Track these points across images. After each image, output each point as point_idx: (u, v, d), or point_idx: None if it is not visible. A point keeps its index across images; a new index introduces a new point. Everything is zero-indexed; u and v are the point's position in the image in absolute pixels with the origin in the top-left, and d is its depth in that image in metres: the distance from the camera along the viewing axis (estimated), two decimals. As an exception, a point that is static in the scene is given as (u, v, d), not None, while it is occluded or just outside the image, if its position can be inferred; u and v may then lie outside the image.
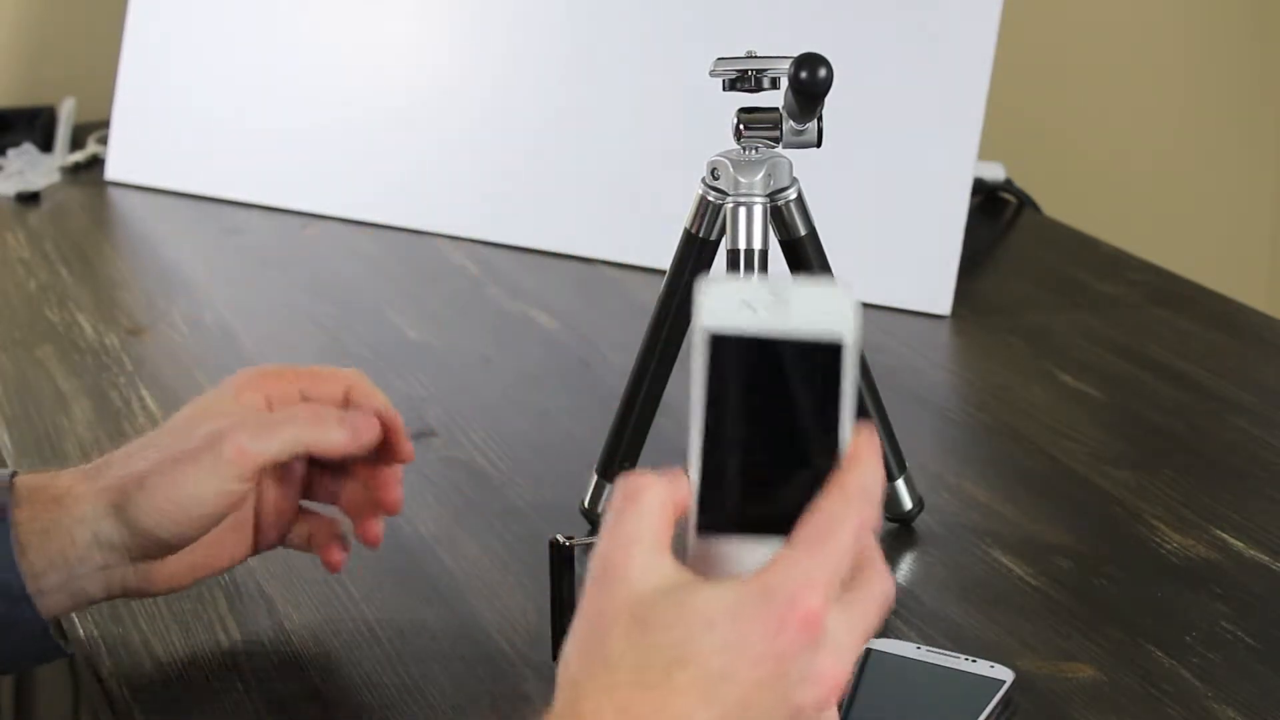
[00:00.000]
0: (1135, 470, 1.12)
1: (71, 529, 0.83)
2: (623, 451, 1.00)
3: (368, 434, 0.86)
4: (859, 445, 0.65)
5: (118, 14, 1.69)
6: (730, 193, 0.92)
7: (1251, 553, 1.01)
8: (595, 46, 1.53)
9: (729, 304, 0.64)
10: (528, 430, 1.16)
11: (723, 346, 0.64)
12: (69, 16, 1.87)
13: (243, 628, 0.92)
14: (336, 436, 0.85)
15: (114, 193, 1.66)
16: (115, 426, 1.17)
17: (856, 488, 0.64)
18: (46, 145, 1.73)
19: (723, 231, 0.93)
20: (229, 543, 0.89)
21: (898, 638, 0.89)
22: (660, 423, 1.02)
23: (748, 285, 0.64)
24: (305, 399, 0.88)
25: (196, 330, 1.35)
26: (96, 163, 1.71)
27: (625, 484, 0.66)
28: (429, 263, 1.51)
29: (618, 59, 1.52)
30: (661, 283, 0.97)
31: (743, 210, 0.92)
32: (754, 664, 0.62)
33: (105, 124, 1.70)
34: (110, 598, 0.87)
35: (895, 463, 0.99)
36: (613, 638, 0.62)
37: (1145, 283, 1.46)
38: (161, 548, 0.85)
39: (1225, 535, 1.03)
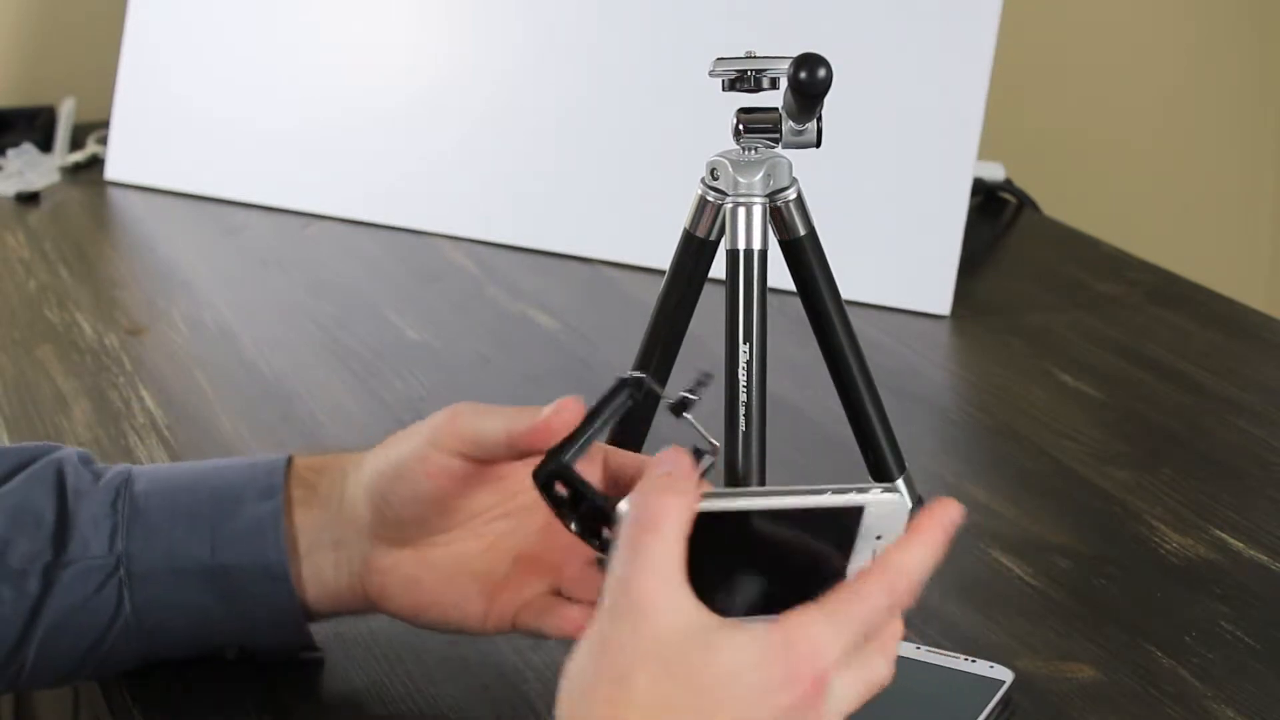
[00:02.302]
0: (1135, 470, 1.12)
1: (319, 500, 0.84)
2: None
3: (558, 422, 0.79)
4: (922, 524, 0.68)
5: (118, 14, 1.69)
6: (730, 193, 0.92)
7: (1251, 553, 1.01)
8: (595, 47, 1.53)
9: (884, 518, 0.70)
10: (527, 430, 1.16)
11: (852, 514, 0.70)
12: (69, 16, 1.87)
13: (242, 628, 0.92)
14: (530, 421, 0.79)
15: (114, 193, 1.66)
16: (115, 427, 1.17)
17: (896, 567, 0.67)
18: (46, 145, 1.73)
19: (722, 232, 0.93)
20: (454, 598, 0.84)
21: (897, 638, 0.89)
22: (660, 422, 1.02)
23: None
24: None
25: (196, 330, 1.35)
26: (96, 163, 1.71)
27: (642, 510, 0.66)
28: (429, 263, 1.50)
29: (617, 59, 1.52)
30: (661, 283, 0.97)
31: (742, 210, 0.92)
32: (769, 713, 0.65)
33: (105, 124, 1.70)
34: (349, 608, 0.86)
35: (895, 463, 0.99)
36: (639, 679, 0.64)
37: (1145, 283, 1.46)
38: (392, 517, 0.83)
39: (1225, 535, 1.03)
